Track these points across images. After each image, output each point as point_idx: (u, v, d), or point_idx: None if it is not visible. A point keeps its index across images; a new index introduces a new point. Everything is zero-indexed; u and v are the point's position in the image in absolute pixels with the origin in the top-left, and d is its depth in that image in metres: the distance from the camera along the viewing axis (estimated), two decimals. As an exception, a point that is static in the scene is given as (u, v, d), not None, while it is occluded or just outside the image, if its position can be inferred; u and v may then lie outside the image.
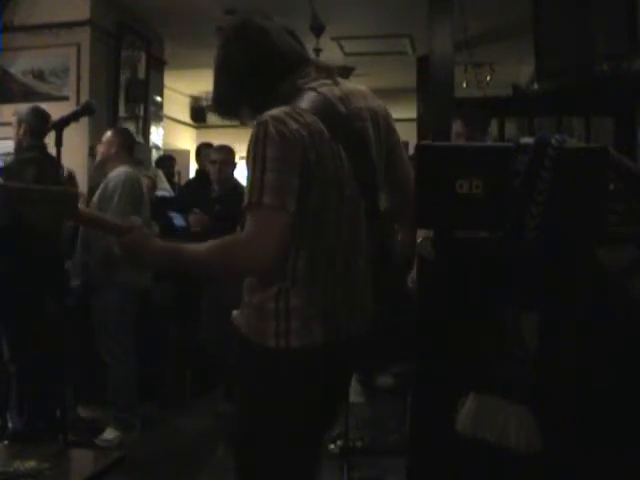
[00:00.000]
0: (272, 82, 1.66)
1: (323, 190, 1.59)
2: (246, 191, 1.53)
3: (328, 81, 1.70)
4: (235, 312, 1.84)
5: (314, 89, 1.65)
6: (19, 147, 3.81)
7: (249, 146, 1.55)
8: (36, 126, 3.77)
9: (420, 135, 6.46)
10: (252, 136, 1.54)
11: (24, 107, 3.96)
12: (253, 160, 1.52)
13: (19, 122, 3.79)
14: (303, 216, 1.57)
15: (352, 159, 1.64)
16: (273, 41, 1.68)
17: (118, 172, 3.95)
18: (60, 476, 2.11)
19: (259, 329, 1.61)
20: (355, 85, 1.78)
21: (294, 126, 1.53)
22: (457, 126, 3.63)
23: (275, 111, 1.55)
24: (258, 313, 1.62)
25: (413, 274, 3.60)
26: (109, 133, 4.14)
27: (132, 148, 4.20)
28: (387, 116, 1.78)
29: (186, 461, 3.71)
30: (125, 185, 3.88)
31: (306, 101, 1.61)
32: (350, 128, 1.65)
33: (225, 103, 1.76)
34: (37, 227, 2.55)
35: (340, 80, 1.75)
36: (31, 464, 2.04)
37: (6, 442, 3.53)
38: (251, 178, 1.52)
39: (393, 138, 1.79)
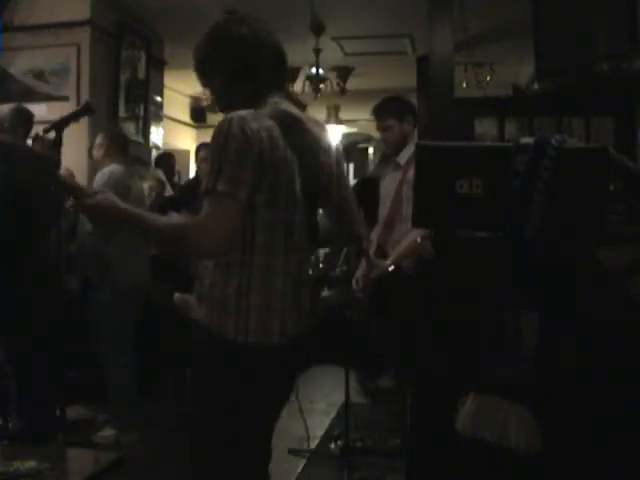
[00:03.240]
0: (254, 87, 1.83)
1: (275, 189, 1.72)
2: (205, 179, 1.67)
3: (294, 107, 1.87)
4: (179, 295, 1.98)
5: (279, 104, 1.82)
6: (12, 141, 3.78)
7: (212, 139, 1.69)
8: (18, 125, 3.74)
9: (420, 135, 6.45)
10: (216, 130, 1.69)
11: (6, 106, 3.91)
12: (213, 151, 1.67)
13: (1, 121, 3.75)
14: (256, 212, 1.70)
15: (301, 170, 1.79)
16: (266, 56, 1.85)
17: (103, 173, 3.95)
18: (60, 476, 2.11)
19: (219, 322, 1.72)
20: (315, 118, 1.99)
21: (255, 126, 1.68)
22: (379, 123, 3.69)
23: (241, 112, 1.71)
24: (219, 307, 1.72)
25: (357, 274, 3.65)
26: (98, 137, 4.15)
27: (123, 147, 4.16)
28: (336, 150, 1.95)
29: (186, 461, 3.71)
30: (106, 187, 3.87)
31: (269, 109, 1.78)
32: (305, 142, 1.80)
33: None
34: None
35: (304, 113, 1.94)
36: (31, 464, 2.04)
37: (6, 442, 3.52)
38: (210, 167, 1.66)
39: (337, 170, 1.93)
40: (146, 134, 6.51)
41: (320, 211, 1.97)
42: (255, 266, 1.72)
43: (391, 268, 3.44)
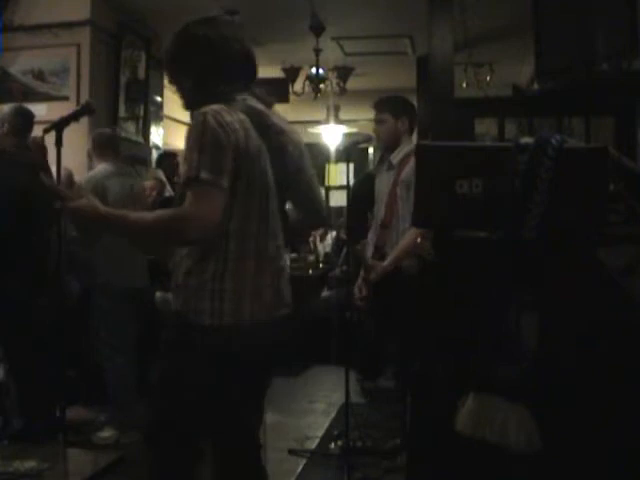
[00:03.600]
0: (221, 86, 1.90)
1: (250, 177, 1.80)
2: (184, 170, 1.74)
3: (261, 104, 1.96)
4: (160, 294, 1.90)
5: (246, 100, 1.91)
6: (1, 148, 3.80)
7: (188, 133, 1.76)
8: (19, 125, 3.75)
9: (420, 135, 6.47)
10: (193, 124, 1.76)
11: (6, 106, 3.93)
12: (192, 144, 1.73)
13: (1, 122, 3.77)
14: (233, 200, 1.78)
15: (272, 159, 1.88)
16: (233, 54, 1.92)
17: (88, 174, 3.98)
18: (60, 476, 2.11)
19: (196, 308, 1.80)
20: (280, 115, 2.05)
21: (229, 118, 1.77)
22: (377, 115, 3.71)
23: (214, 106, 1.78)
24: (196, 294, 1.80)
25: (358, 283, 3.68)
26: (90, 141, 4.20)
27: (112, 146, 4.15)
28: (301, 141, 2.04)
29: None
30: (85, 187, 3.89)
31: (239, 105, 1.86)
32: (271, 135, 1.90)
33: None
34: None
35: (270, 111, 2.02)
36: (31, 464, 2.05)
37: (6, 442, 3.52)
38: (189, 158, 1.72)
39: (303, 161, 2.02)
40: (146, 134, 6.50)
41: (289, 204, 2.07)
42: (230, 251, 1.80)
43: (389, 269, 3.45)
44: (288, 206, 2.07)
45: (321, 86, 6.92)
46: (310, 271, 6.77)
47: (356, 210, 4.46)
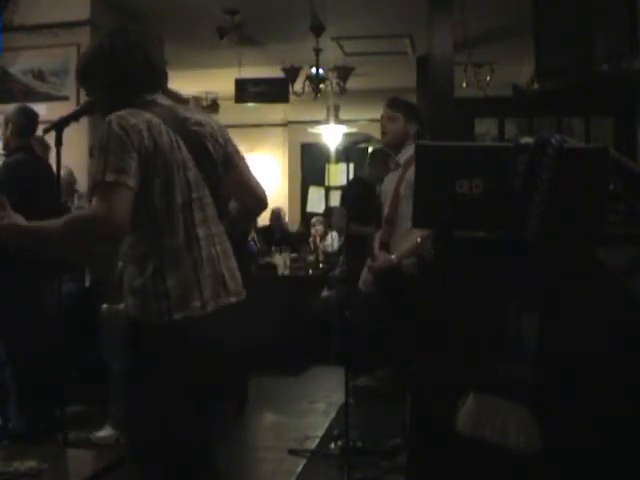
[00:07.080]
0: (130, 92, 1.96)
1: (167, 172, 1.85)
2: (92, 177, 1.80)
3: (171, 101, 2.02)
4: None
5: (155, 99, 1.97)
6: (6, 148, 3.82)
7: (97, 139, 1.83)
8: (23, 125, 3.77)
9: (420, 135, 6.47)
10: (99, 131, 1.83)
11: (11, 106, 3.96)
12: (99, 149, 1.80)
13: (6, 122, 3.78)
14: (153, 197, 1.84)
15: (192, 152, 1.92)
16: (144, 56, 1.99)
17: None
18: (60, 476, 2.11)
19: (144, 310, 1.86)
20: (197, 107, 2.03)
21: (133, 121, 1.82)
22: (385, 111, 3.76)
23: (119, 112, 1.86)
24: (140, 296, 1.86)
25: (364, 274, 3.70)
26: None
27: None
28: (223, 130, 2.07)
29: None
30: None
31: (148, 106, 1.92)
32: (187, 127, 1.94)
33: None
34: None
35: (188, 106, 2.10)
36: (31, 464, 2.05)
37: (6, 442, 3.52)
38: (96, 165, 1.78)
39: (228, 148, 2.06)
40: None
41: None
42: (164, 249, 1.86)
43: (394, 262, 3.48)
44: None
45: (321, 86, 6.93)
46: (310, 271, 6.77)
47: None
